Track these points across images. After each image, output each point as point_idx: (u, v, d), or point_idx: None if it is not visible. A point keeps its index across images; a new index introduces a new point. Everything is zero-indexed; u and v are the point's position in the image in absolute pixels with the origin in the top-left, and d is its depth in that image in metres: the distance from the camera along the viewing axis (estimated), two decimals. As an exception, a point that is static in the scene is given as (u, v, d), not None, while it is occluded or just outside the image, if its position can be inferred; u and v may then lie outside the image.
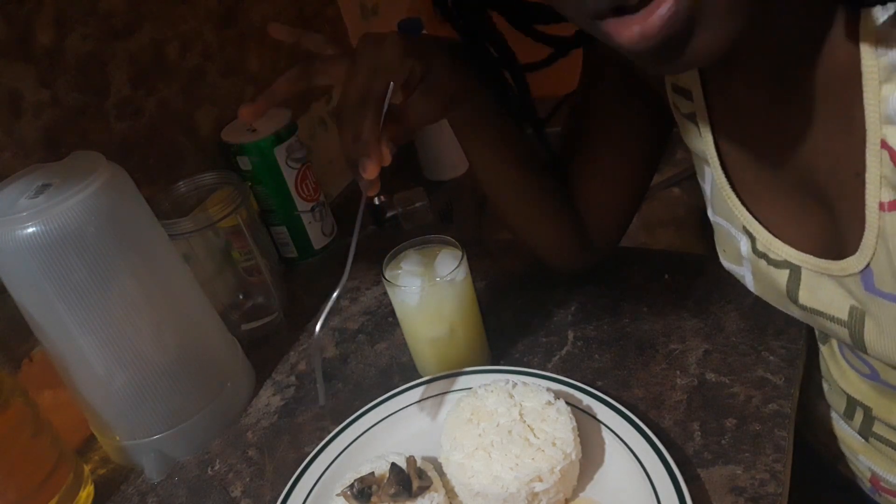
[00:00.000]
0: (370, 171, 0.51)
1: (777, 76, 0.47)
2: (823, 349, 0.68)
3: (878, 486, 0.66)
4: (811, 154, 0.48)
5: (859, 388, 0.63)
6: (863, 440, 0.65)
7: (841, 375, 0.65)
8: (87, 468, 0.67)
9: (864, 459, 0.66)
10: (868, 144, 0.43)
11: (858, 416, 0.64)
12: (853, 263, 0.48)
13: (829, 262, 0.50)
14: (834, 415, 0.69)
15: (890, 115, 0.41)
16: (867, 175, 0.44)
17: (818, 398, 0.70)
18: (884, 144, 0.42)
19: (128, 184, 0.62)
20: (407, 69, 0.52)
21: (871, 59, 0.40)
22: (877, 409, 0.62)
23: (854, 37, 0.41)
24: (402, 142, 0.53)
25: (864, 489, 0.69)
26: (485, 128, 0.62)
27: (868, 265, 0.47)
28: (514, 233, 0.73)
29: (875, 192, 0.44)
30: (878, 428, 0.63)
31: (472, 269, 0.67)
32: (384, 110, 0.51)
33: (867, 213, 0.45)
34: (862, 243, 0.46)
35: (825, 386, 0.69)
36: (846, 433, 0.67)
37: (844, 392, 0.65)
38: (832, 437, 0.70)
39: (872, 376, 0.60)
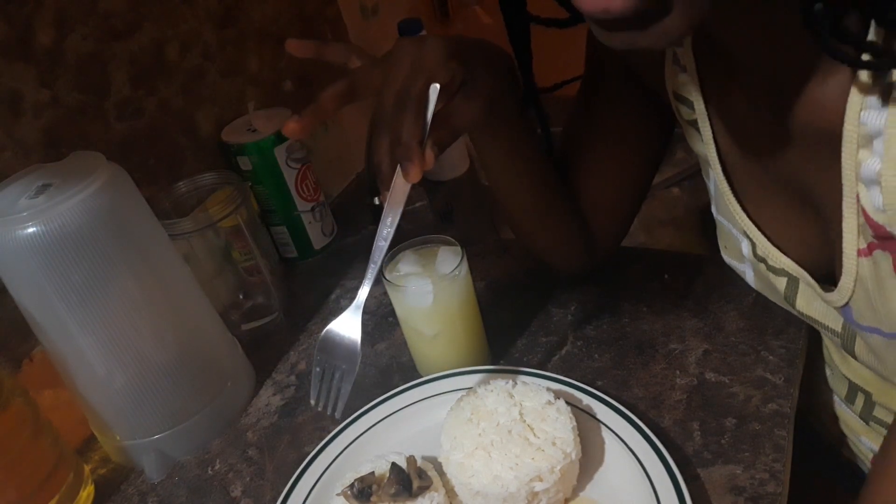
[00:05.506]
0: (413, 175, 0.48)
1: (774, 99, 0.48)
2: (825, 337, 0.68)
3: None
4: (805, 178, 0.49)
5: (860, 374, 0.64)
6: (864, 423, 0.66)
7: (842, 361, 0.66)
8: (87, 468, 0.67)
9: (867, 441, 0.67)
10: (845, 196, 0.44)
11: (860, 401, 0.65)
12: (835, 299, 0.49)
13: (818, 290, 0.52)
14: (836, 399, 0.69)
15: (863, 177, 0.42)
16: (844, 224, 0.45)
17: (822, 383, 0.71)
18: (858, 200, 0.43)
19: (128, 184, 0.62)
20: (450, 72, 0.50)
21: (853, 124, 0.41)
22: (877, 394, 0.63)
23: (843, 83, 0.42)
24: (446, 146, 0.50)
25: (866, 470, 0.70)
26: (507, 130, 0.60)
27: (847, 303, 0.48)
28: (520, 235, 0.72)
29: (853, 240, 0.45)
30: (878, 412, 0.63)
31: (472, 269, 0.67)
32: (430, 113, 0.49)
33: (845, 259, 0.46)
34: (840, 285, 0.48)
35: (828, 371, 0.70)
36: (848, 416, 0.68)
37: (846, 377, 0.66)
38: (835, 420, 0.71)
39: None
